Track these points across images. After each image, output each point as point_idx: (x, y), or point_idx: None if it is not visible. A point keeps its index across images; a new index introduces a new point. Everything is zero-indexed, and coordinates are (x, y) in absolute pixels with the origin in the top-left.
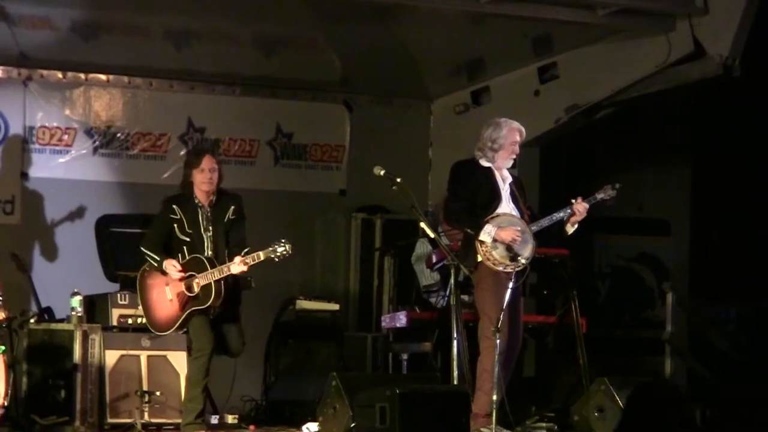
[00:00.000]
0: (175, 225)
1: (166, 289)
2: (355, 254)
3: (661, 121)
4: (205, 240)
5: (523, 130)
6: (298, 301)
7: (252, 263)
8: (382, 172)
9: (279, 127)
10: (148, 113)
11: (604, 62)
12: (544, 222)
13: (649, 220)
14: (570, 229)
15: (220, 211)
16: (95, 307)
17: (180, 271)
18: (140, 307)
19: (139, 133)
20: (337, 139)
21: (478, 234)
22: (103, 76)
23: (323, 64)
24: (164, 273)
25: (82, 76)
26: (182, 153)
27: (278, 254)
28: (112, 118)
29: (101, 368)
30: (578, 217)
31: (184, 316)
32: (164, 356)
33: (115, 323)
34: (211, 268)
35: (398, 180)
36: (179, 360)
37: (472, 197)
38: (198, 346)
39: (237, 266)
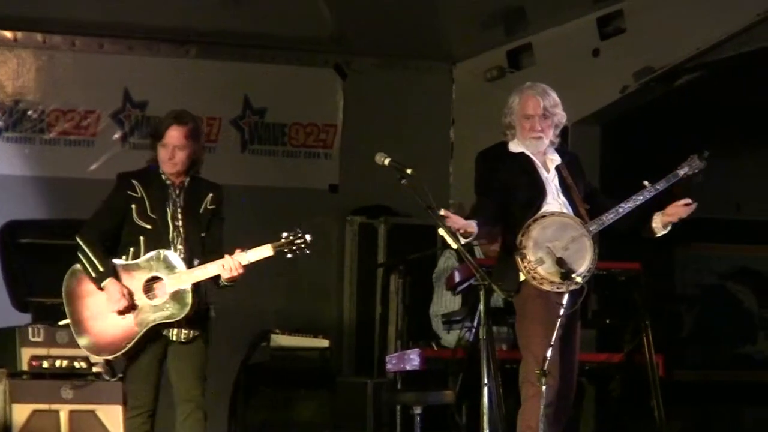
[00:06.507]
0: (134, 206)
1: None
2: (351, 271)
3: (764, 90)
4: (172, 230)
5: (544, 96)
6: (273, 336)
7: (252, 261)
8: (386, 161)
9: (248, 100)
10: (70, 83)
11: (687, 10)
12: (608, 218)
13: (749, 223)
14: (659, 231)
15: (194, 197)
16: None
17: (124, 298)
18: (65, 321)
19: (59, 110)
20: (326, 117)
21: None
22: (8, 33)
23: (308, 15)
24: (100, 287)
25: None
26: (116, 137)
27: (294, 248)
28: (21, 90)
29: (7, 428)
30: (672, 217)
31: (143, 332)
32: (92, 412)
33: (25, 368)
34: (187, 267)
35: (409, 171)
36: (113, 416)
37: (505, 195)
38: (136, 402)
39: (229, 262)
